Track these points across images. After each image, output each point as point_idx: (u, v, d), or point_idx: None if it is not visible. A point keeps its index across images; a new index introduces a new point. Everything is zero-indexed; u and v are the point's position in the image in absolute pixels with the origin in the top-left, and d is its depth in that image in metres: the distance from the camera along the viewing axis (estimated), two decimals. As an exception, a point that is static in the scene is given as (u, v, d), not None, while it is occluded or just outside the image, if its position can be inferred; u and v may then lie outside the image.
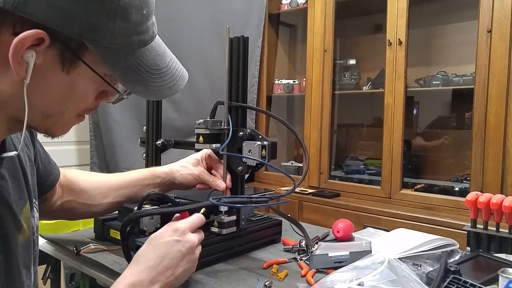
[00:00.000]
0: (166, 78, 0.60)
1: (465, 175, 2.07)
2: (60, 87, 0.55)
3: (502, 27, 1.75)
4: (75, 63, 0.54)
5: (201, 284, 0.83)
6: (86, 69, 0.54)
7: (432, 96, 2.33)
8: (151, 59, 0.58)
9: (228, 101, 0.95)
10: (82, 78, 0.55)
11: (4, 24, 0.49)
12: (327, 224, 1.25)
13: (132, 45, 0.55)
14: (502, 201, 0.96)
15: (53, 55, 0.52)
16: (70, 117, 0.60)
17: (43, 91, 0.54)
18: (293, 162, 2.73)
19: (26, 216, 0.68)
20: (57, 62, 0.53)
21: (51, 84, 0.54)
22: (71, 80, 0.55)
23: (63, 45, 0.51)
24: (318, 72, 2.36)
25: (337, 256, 0.92)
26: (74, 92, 0.56)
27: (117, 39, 0.53)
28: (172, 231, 0.75)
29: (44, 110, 0.56)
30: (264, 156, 0.91)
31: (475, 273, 0.86)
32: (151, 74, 0.58)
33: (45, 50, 0.51)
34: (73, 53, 0.53)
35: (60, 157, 2.81)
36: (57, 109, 0.57)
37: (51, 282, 1.18)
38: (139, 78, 0.57)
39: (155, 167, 1.03)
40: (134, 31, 0.54)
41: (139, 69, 0.56)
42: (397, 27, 2.04)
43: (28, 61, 0.50)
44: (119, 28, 0.52)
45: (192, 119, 1.04)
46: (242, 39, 0.95)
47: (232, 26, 0.95)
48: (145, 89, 0.58)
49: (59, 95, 0.56)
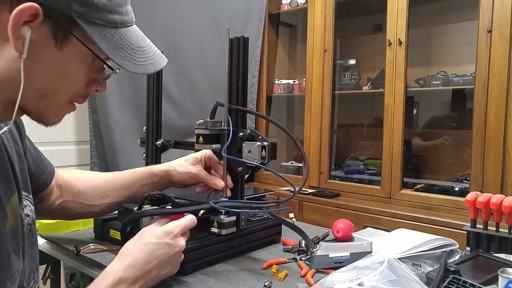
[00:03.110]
0: (148, 56, 0.66)
1: (465, 175, 2.07)
2: (54, 64, 0.59)
3: (502, 27, 1.75)
4: (67, 38, 0.58)
5: (201, 284, 0.83)
6: (77, 46, 0.59)
7: (432, 96, 2.33)
8: (133, 39, 0.64)
9: (227, 104, 0.95)
10: (74, 55, 0.60)
11: (2, 2, 0.53)
12: (327, 224, 1.25)
13: (115, 23, 0.60)
14: (501, 201, 0.96)
15: (46, 31, 0.56)
16: (62, 100, 0.63)
17: (39, 67, 0.58)
18: (293, 162, 2.74)
19: (13, 206, 0.68)
20: (51, 38, 0.57)
21: (45, 61, 0.58)
22: (63, 57, 0.59)
23: (55, 20, 0.56)
24: (318, 72, 2.36)
25: (338, 257, 0.92)
26: (67, 70, 0.61)
27: (102, 14, 0.58)
28: (165, 233, 0.76)
29: (39, 89, 0.59)
30: (264, 156, 0.91)
31: (475, 273, 0.86)
32: (135, 51, 0.63)
33: (39, 26, 0.55)
34: (65, 29, 0.57)
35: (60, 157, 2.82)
36: (51, 87, 0.61)
37: (51, 282, 1.18)
38: (125, 53, 0.62)
39: (153, 166, 1.03)
40: (116, 10, 0.60)
41: (124, 46, 0.62)
42: (397, 27, 2.04)
43: (25, 36, 0.54)
44: (103, 4, 0.58)
45: (192, 119, 1.04)
46: (242, 39, 0.95)
47: (232, 26, 0.95)
48: (131, 63, 0.63)
49: (53, 72, 0.59)
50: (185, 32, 2.48)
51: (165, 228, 0.77)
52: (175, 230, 0.77)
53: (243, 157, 0.93)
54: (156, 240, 0.75)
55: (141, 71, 0.64)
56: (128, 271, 0.70)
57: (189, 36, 2.49)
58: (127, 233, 0.88)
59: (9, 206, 0.67)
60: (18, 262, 0.68)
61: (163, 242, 0.75)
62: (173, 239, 0.76)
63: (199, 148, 0.98)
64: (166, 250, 0.75)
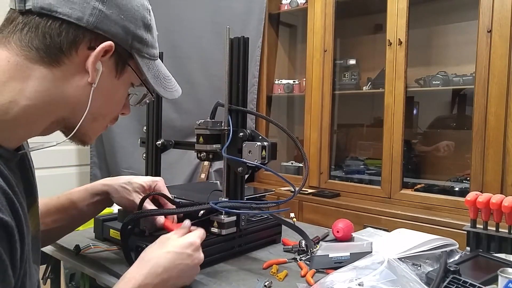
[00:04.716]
0: (172, 83, 0.78)
1: (465, 175, 2.07)
2: (111, 91, 0.68)
3: (502, 27, 1.75)
4: (124, 70, 0.67)
5: (201, 284, 0.83)
6: (130, 76, 0.69)
7: (432, 96, 2.33)
8: (163, 69, 0.75)
9: (227, 104, 0.95)
10: (124, 84, 0.69)
11: (84, 40, 0.61)
12: (327, 224, 1.26)
13: (154, 56, 0.71)
14: (501, 201, 0.96)
15: (112, 63, 0.65)
16: (107, 123, 0.72)
17: (100, 94, 0.65)
18: (293, 162, 2.73)
19: (34, 213, 0.70)
20: (113, 69, 0.66)
21: (105, 89, 0.66)
22: (118, 86, 0.68)
23: (120, 55, 0.65)
24: (318, 72, 2.36)
25: (338, 257, 0.92)
26: (117, 97, 0.70)
27: (148, 49, 0.69)
28: (188, 244, 0.78)
29: (95, 112, 0.66)
30: (264, 156, 0.91)
31: (475, 273, 0.86)
32: (165, 80, 0.75)
33: (107, 60, 0.64)
34: (124, 61, 0.67)
35: (60, 157, 2.82)
36: (104, 112, 0.69)
37: (51, 282, 1.18)
38: (160, 82, 0.73)
39: (92, 184, 0.94)
40: (154, 45, 0.71)
41: (159, 75, 0.73)
42: (397, 27, 2.04)
43: (99, 69, 0.63)
44: (149, 40, 0.69)
45: (192, 119, 1.04)
46: (242, 40, 0.95)
47: (232, 26, 0.95)
48: (165, 90, 0.74)
49: (108, 98, 0.68)
50: (185, 32, 2.48)
51: (189, 240, 0.79)
52: (197, 242, 0.80)
53: (243, 157, 0.93)
54: (179, 250, 0.77)
55: (170, 96, 0.76)
56: (147, 279, 0.72)
57: (189, 36, 2.49)
58: (127, 233, 0.88)
59: (31, 214, 0.67)
60: (37, 271, 0.70)
61: (185, 253, 0.77)
62: (195, 252, 0.79)
63: (199, 148, 0.97)
64: (187, 262, 0.77)
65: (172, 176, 2.37)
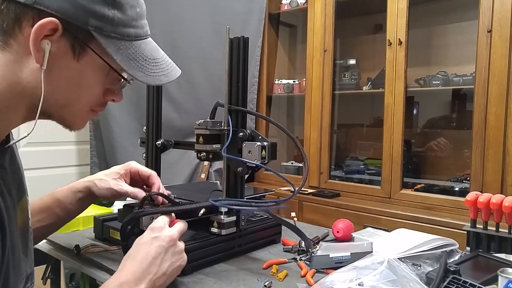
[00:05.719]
0: (162, 67, 0.70)
1: (465, 175, 2.07)
2: (72, 75, 0.63)
3: (502, 27, 1.75)
4: (84, 51, 0.62)
5: (201, 284, 0.83)
6: (93, 58, 0.63)
7: (432, 96, 2.33)
8: (147, 51, 0.68)
9: (227, 104, 0.95)
10: (90, 66, 0.64)
11: (25, 18, 0.57)
12: (327, 224, 1.25)
13: (129, 36, 0.64)
14: (502, 201, 0.96)
15: (65, 44, 0.60)
16: (84, 108, 0.67)
17: (58, 78, 0.61)
18: (293, 162, 2.73)
19: (23, 207, 0.70)
20: (69, 50, 0.61)
21: (64, 72, 0.62)
22: (81, 68, 0.63)
23: (73, 34, 0.60)
24: (318, 72, 2.36)
25: (338, 257, 0.92)
26: (83, 81, 0.64)
27: (117, 28, 0.62)
28: (150, 230, 0.78)
29: (59, 98, 0.63)
30: (264, 156, 0.91)
31: (475, 273, 0.86)
32: (148, 62, 0.67)
33: (58, 39, 0.59)
34: (82, 41, 0.61)
35: (60, 157, 2.82)
36: (70, 97, 0.65)
37: (51, 282, 1.18)
38: (138, 65, 0.66)
39: (74, 183, 0.96)
40: (131, 24, 0.64)
41: (137, 57, 0.66)
42: (397, 27, 2.04)
43: (45, 49, 0.58)
44: (118, 18, 0.62)
45: (192, 119, 1.04)
46: (242, 40, 0.95)
47: (232, 26, 0.95)
48: (144, 74, 0.67)
49: (71, 82, 0.63)
50: (185, 32, 2.48)
51: (149, 227, 0.79)
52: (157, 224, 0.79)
53: (243, 157, 0.93)
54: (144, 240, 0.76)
55: (152, 81, 0.68)
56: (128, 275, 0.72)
57: (189, 36, 2.49)
58: (127, 233, 0.88)
59: (19, 207, 0.68)
60: (25, 261, 0.69)
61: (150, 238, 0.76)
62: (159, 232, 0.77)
63: (199, 148, 0.97)
64: (157, 244, 0.75)
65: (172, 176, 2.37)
